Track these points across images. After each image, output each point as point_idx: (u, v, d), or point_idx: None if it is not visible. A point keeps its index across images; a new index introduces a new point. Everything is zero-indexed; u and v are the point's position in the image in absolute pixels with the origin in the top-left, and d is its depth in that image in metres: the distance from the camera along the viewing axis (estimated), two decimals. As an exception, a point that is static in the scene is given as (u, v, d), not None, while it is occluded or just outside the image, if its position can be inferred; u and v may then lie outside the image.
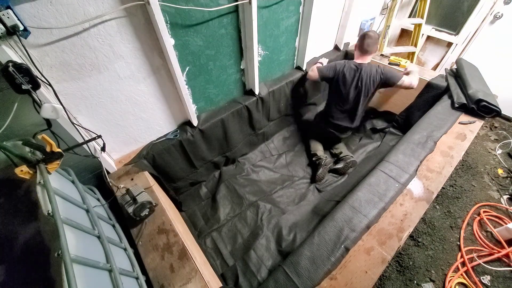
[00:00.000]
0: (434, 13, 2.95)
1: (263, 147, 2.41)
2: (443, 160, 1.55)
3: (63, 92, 1.14)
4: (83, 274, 0.73)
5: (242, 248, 1.70)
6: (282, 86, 2.12)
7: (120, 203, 1.25)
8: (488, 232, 2.04)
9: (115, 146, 1.52)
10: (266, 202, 1.97)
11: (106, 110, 1.34)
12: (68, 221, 0.82)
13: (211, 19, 1.40)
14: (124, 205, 1.22)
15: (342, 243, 1.21)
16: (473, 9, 2.69)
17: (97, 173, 1.49)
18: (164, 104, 1.57)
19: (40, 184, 0.83)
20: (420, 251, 1.94)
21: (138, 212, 1.21)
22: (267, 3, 1.60)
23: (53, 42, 1.02)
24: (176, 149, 1.74)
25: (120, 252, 1.11)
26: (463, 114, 1.84)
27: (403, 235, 1.23)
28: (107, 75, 1.22)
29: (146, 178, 1.48)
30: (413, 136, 1.70)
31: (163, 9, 1.17)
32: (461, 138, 1.68)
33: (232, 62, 1.71)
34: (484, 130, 2.92)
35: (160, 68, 1.39)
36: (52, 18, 0.97)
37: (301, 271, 1.14)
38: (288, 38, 1.98)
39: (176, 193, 1.97)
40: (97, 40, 1.10)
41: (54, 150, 0.90)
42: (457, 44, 2.92)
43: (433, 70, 2.38)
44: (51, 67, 1.06)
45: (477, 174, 2.47)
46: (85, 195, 1.08)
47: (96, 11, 1.04)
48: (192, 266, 1.13)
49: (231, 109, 1.88)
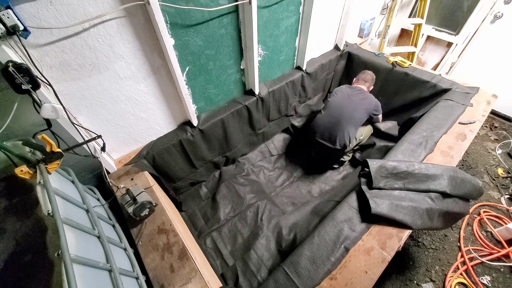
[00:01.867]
0: (434, 13, 2.96)
1: (263, 147, 2.41)
2: (443, 160, 1.55)
3: (63, 92, 1.14)
4: (83, 274, 0.73)
5: (242, 248, 1.70)
6: (282, 86, 2.12)
7: (120, 203, 1.25)
8: (488, 232, 2.05)
9: (115, 146, 1.52)
10: (266, 202, 1.97)
11: (106, 110, 1.34)
12: (68, 221, 0.82)
13: (211, 19, 1.40)
14: (124, 205, 1.22)
15: (342, 243, 1.21)
16: (473, 9, 2.70)
17: (97, 173, 1.49)
18: (164, 104, 1.57)
19: (40, 184, 0.83)
20: (420, 251, 1.95)
21: (138, 212, 1.21)
22: (267, 3, 1.60)
23: (53, 42, 1.01)
24: (176, 149, 1.74)
25: (120, 252, 1.10)
26: (463, 114, 1.84)
27: (403, 235, 1.22)
28: (107, 75, 1.22)
29: (146, 178, 1.47)
30: (413, 136, 1.69)
31: (163, 9, 1.17)
32: (461, 138, 1.67)
33: (232, 62, 1.71)
34: (484, 130, 2.92)
35: (160, 68, 1.39)
36: (52, 18, 0.97)
37: (301, 271, 1.14)
38: (288, 38, 1.98)
39: (176, 193, 1.97)
40: (97, 40, 1.10)
41: (54, 150, 0.90)
42: (457, 44, 2.92)
43: (433, 70, 2.37)
44: (51, 67, 1.06)
45: (477, 174, 2.47)
46: (85, 195, 1.08)
47: (96, 11, 1.03)
48: (192, 266, 1.13)
49: (231, 109, 1.88)
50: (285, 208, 1.96)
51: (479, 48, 2.85)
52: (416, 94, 2.25)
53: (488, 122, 3.00)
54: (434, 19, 3.01)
